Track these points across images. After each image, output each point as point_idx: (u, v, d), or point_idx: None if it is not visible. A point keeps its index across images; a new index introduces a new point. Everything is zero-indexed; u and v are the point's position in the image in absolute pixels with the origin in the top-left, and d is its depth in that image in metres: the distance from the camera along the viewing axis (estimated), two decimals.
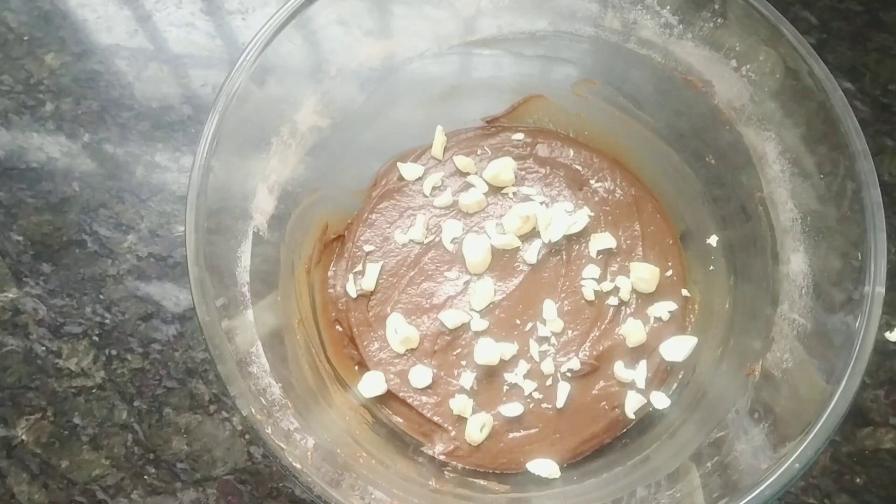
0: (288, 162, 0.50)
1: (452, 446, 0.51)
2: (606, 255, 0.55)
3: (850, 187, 0.42)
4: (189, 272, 0.40)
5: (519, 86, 0.58)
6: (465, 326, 0.53)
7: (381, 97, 0.54)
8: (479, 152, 0.59)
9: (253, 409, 0.39)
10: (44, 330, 0.58)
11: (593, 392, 0.52)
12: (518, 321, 0.54)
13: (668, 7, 0.47)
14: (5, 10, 0.68)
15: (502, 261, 0.55)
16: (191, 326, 0.58)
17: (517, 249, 0.56)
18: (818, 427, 0.38)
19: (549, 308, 0.53)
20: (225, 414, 0.55)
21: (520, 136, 0.59)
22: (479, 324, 0.53)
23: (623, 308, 0.54)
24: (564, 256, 0.55)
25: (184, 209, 0.45)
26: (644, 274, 0.54)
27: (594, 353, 0.53)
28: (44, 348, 0.57)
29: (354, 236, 0.56)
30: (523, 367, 0.52)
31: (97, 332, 0.58)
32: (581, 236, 0.56)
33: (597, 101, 0.56)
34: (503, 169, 0.57)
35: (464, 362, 0.53)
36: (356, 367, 0.54)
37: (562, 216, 0.55)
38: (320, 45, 0.50)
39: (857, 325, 0.39)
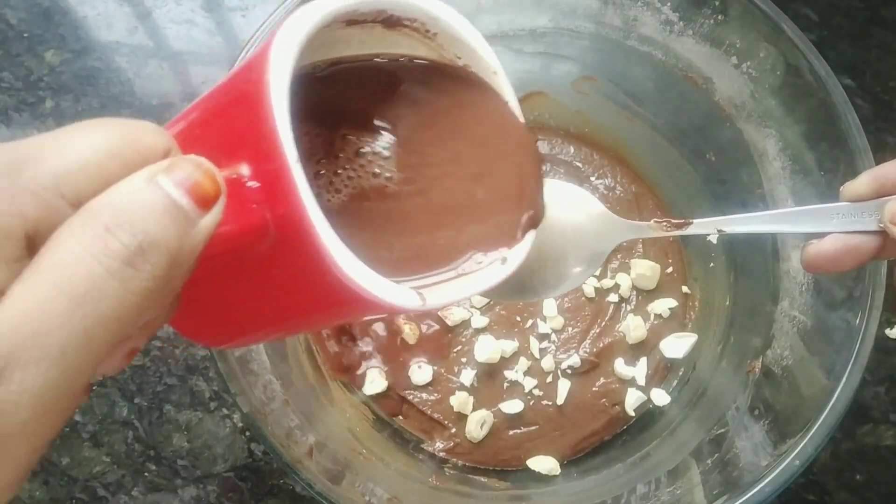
0: None
1: (453, 443, 0.51)
2: None
3: None
4: None
5: (519, 83, 0.57)
6: (465, 323, 0.53)
7: None
8: None
9: (253, 407, 0.39)
10: None
11: (593, 389, 0.52)
12: (518, 318, 0.54)
13: (669, 4, 0.47)
14: (5, 6, 0.68)
15: None
16: None
17: None
18: (818, 424, 0.38)
19: (550, 305, 0.53)
20: (225, 411, 0.55)
21: None
22: (479, 321, 0.53)
23: (623, 305, 0.54)
24: None
25: None
26: (644, 271, 0.54)
27: (594, 349, 0.53)
28: None
29: None
30: (524, 363, 0.52)
31: None
32: None
33: (597, 97, 0.56)
34: None
35: (464, 359, 0.53)
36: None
37: None
38: None
39: (857, 321, 0.39)
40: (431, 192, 0.28)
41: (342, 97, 0.28)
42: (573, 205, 0.36)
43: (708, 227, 0.36)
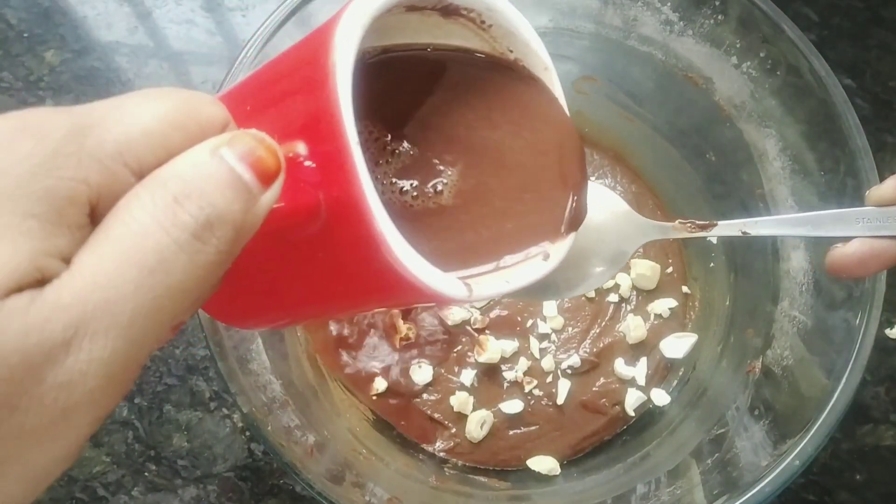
0: None
1: (453, 443, 0.51)
2: None
3: (851, 184, 0.41)
4: None
5: None
6: (465, 323, 0.53)
7: None
8: None
9: (253, 407, 0.39)
10: None
11: (593, 389, 0.52)
12: (518, 318, 0.54)
13: (669, 4, 0.47)
14: (5, 6, 0.68)
15: None
16: (191, 323, 0.58)
17: None
18: (818, 424, 0.38)
19: (550, 305, 0.53)
20: (225, 411, 0.55)
21: None
22: (479, 321, 0.53)
23: (623, 305, 0.54)
24: None
25: None
26: (644, 271, 0.54)
27: (594, 349, 0.53)
28: None
29: None
30: (524, 364, 0.52)
31: None
32: None
33: (597, 97, 0.56)
34: None
35: (464, 359, 0.53)
36: None
37: None
38: None
39: (857, 321, 0.39)
40: (479, 192, 0.28)
41: (390, 88, 0.27)
42: (598, 203, 0.36)
43: (732, 228, 0.36)
